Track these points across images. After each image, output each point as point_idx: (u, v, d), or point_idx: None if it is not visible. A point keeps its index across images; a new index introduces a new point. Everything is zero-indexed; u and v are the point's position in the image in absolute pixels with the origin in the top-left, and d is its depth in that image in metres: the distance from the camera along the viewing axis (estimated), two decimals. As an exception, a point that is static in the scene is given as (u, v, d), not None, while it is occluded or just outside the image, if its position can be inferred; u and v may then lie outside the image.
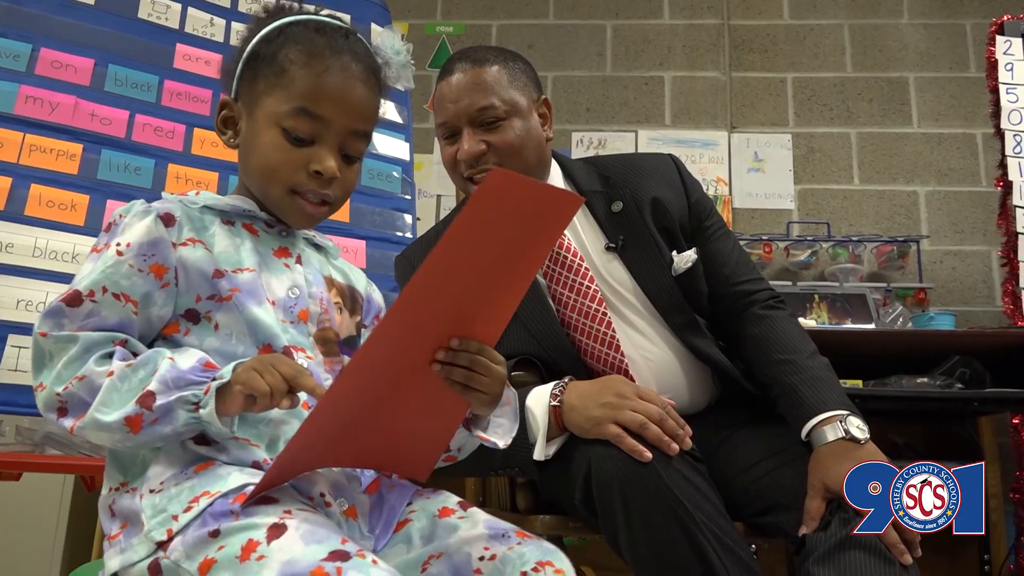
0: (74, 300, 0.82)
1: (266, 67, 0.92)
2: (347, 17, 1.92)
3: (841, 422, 1.16)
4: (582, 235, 1.37)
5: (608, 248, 1.35)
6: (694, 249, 1.37)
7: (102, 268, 0.84)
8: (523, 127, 1.32)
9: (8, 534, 2.36)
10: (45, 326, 0.80)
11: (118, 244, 0.85)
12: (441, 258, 0.70)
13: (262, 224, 0.96)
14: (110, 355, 0.80)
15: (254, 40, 0.94)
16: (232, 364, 0.77)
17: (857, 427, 1.16)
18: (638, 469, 1.06)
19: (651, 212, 1.36)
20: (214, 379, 0.77)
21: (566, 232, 1.36)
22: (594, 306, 1.31)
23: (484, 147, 1.30)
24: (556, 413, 1.18)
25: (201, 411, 0.76)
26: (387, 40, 0.98)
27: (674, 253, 1.35)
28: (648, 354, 1.32)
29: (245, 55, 0.95)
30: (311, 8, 0.98)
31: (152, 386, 0.76)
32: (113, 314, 0.82)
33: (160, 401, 0.75)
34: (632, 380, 1.28)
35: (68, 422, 0.79)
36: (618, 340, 1.30)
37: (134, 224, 0.86)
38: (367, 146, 0.97)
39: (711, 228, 1.41)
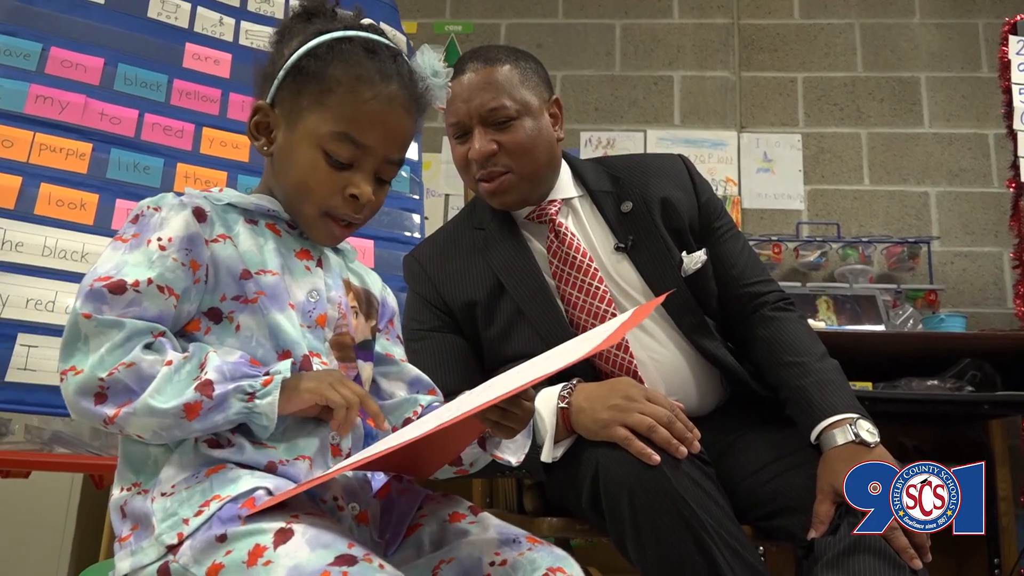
0: (118, 288, 0.80)
1: (312, 83, 0.90)
2: (406, 59, 1.91)
3: (851, 425, 1.16)
4: (591, 235, 1.36)
5: (617, 248, 1.35)
6: (703, 250, 1.37)
7: (146, 261, 0.82)
8: (534, 127, 1.32)
9: (17, 533, 2.37)
10: (88, 307, 0.78)
11: (159, 238, 0.84)
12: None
13: (284, 225, 0.95)
14: (150, 345, 0.80)
15: (300, 51, 0.92)
16: (288, 362, 0.81)
17: (867, 431, 1.15)
18: (646, 472, 1.05)
19: (661, 213, 1.36)
20: (268, 373, 0.80)
21: (575, 232, 1.35)
22: (603, 307, 1.30)
23: (495, 147, 1.30)
24: (564, 415, 1.18)
25: (258, 401, 0.78)
26: (427, 60, 0.96)
27: (683, 254, 1.35)
28: (657, 355, 1.32)
29: (288, 65, 0.92)
30: (348, 15, 0.96)
31: (210, 375, 0.77)
32: (154, 306, 0.81)
33: (219, 390, 0.77)
34: (641, 382, 1.28)
35: (109, 409, 0.76)
36: (627, 341, 1.30)
37: (172, 218, 0.85)
38: (401, 166, 0.97)
39: (721, 229, 1.41)
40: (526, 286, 1.33)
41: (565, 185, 1.40)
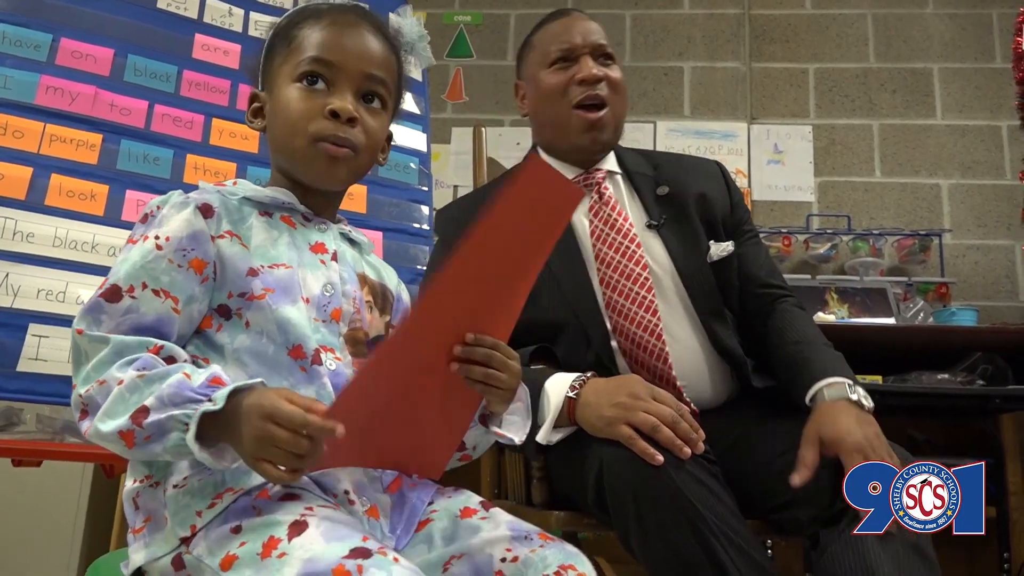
0: (113, 295, 0.79)
1: (280, 44, 0.96)
2: (365, 6, 1.91)
3: (848, 387, 1.17)
4: (627, 212, 1.40)
5: (649, 226, 1.38)
6: (732, 243, 1.40)
7: (141, 262, 0.81)
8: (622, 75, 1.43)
9: (29, 521, 2.39)
10: (83, 323, 0.78)
11: (156, 237, 0.83)
12: (478, 244, 0.70)
13: (300, 217, 0.95)
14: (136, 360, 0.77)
15: (270, 35, 1.00)
16: (227, 391, 0.71)
17: (863, 396, 1.17)
18: (650, 471, 1.05)
19: (695, 204, 1.41)
20: (210, 399, 0.71)
21: (616, 198, 1.40)
22: (636, 269, 1.33)
23: (602, 75, 1.38)
24: (570, 404, 1.18)
25: (186, 435, 0.70)
26: (406, 21, 1.01)
27: (711, 242, 1.39)
28: (672, 339, 1.32)
29: (264, 47, 0.99)
30: None
31: (149, 401, 0.72)
32: (151, 311, 0.80)
33: (152, 418, 0.71)
34: (669, 368, 1.29)
35: (84, 425, 0.76)
36: (660, 328, 1.30)
37: (172, 216, 0.85)
38: (388, 95, 0.97)
39: (748, 233, 1.46)
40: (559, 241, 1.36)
41: (610, 160, 1.46)
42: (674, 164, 1.47)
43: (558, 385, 1.20)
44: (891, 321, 2.65)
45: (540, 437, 1.18)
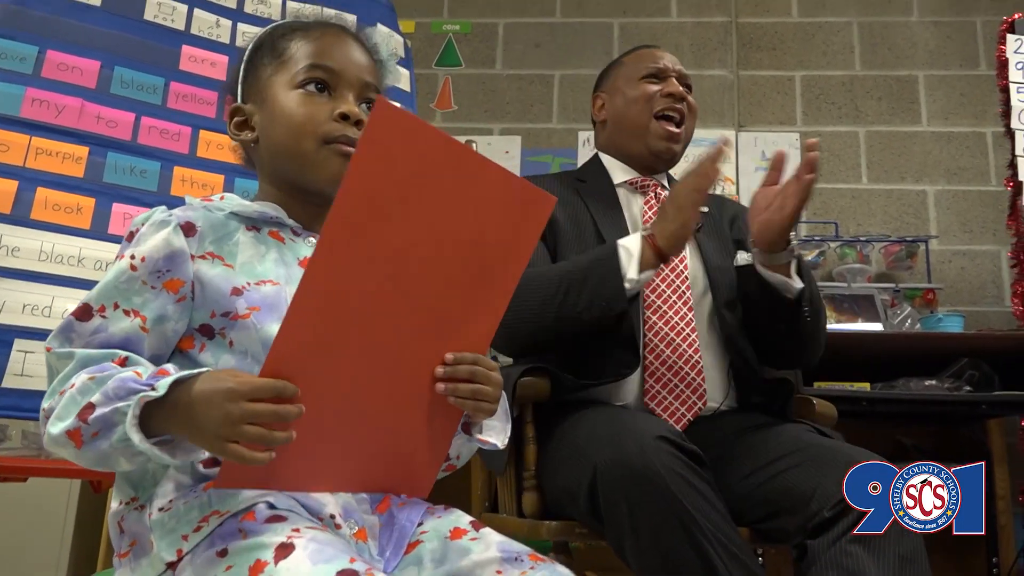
0: (84, 314, 0.80)
1: (267, 56, 0.96)
2: (353, 17, 1.91)
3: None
4: None
5: None
6: None
7: (114, 282, 0.81)
8: None
9: (15, 540, 2.36)
10: (54, 342, 0.79)
11: (132, 257, 0.82)
12: (351, 190, 0.68)
13: (289, 232, 0.93)
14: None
15: (249, 48, 1.00)
16: (169, 379, 0.70)
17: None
18: (643, 477, 1.06)
19: (730, 223, 1.56)
20: (153, 388, 0.69)
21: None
22: (679, 266, 1.43)
23: (685, 96, 1.56)
24: (651, 241, 1.27)
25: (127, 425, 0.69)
26: (376, 34, 1.04)
27: (739, 252, 1.46)
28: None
29: (244, 60, 0.99)
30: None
31: (95, 398, 0.71)
32: (120, 330, 0.80)
33: (97, 413, 0.70)
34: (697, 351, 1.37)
35: (44, 438, 0.76)
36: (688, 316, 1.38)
37: (150, 235, 0.84)
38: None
39: None
40: (609, 219, 1.47)
41: (663, 178, 1.62)
42: (717, 197, 1.63)
43: (628, 239, 1.31)
44: (879, 327, 2.66)
45: (632, 277, 1.26)
